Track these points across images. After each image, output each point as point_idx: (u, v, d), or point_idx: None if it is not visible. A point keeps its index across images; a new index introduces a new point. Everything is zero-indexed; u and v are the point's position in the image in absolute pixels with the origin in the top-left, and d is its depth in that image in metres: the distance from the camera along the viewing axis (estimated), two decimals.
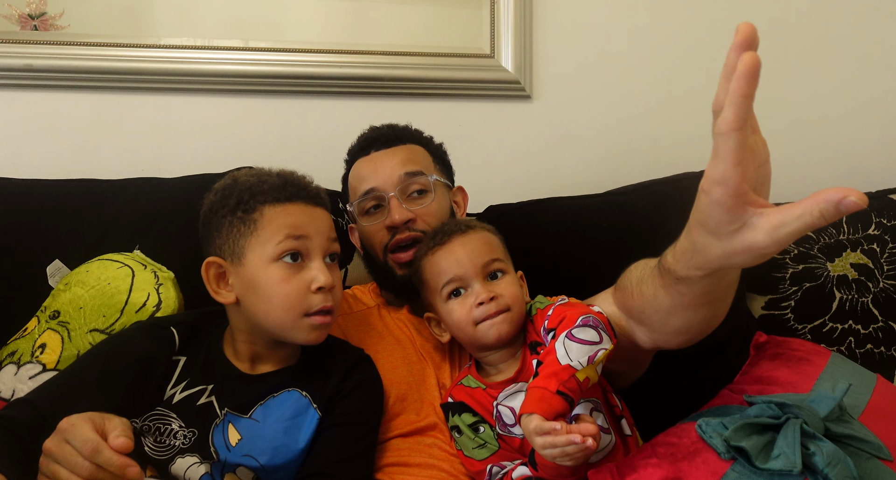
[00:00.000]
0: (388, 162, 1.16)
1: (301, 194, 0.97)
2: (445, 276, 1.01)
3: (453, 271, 1.00)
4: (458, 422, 0.99)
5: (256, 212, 0.95)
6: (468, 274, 1.00)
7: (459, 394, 1.01)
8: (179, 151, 1.52)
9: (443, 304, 1.02)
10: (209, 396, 0.95)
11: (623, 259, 1.33)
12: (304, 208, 0.97)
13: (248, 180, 0.98)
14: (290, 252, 0.93)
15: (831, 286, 1.39)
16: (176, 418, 0.93)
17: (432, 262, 1.03)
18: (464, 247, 1.02)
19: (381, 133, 1.21)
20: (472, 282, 1.00)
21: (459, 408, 1.00)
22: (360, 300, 1.22)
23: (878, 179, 1.61)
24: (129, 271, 1.15)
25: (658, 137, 1.66)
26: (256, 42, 1.54)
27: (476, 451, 0.97)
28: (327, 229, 0.98)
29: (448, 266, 1.01)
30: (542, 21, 1.63)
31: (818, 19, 1.71)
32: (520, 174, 1.58)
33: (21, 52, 1.46)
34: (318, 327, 0.94)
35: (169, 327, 0.98)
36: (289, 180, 0.99)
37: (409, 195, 1.14)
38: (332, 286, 0.94)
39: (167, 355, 0.96)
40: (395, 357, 1.10)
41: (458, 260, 1.00)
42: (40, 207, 1.25)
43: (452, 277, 1.00)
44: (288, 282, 0.92)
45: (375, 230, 1.15)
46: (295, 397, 0.96)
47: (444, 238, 1.03)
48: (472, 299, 0.99)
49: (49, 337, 1.10)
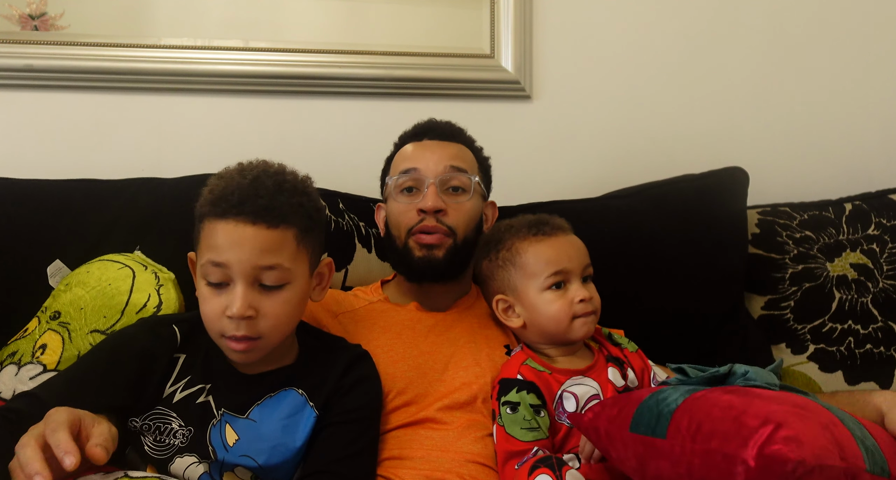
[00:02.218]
0: (438, 151, 1.18)
1: (236, 211, 0.88)
2: (553, 266, 1.05)
3: (563, 263, 1.05)
4: (520, 399, 0.99)
5: (201, 223, 0.91)
6: (573, 271, 1.05)
7: (529, 374, 1.02)
8: (179, 151, 1.52)
9: (538, 292, 1.05)
10: (207, 395, 0.95)
11: (623, 263, 1.34)
12: (234, 227, 0.88)
13: (213, 183, 0.93)
14: (209, 276, 0.90)
15: (831, 286, 1.39)
16: (176, 417, 0.93)
17: (539, 249, 1.06)
18: (572, 245, 1.08)
19: (439, 125, 1.24)
20: (573, 279, 1.05)
21: (529, 387, 1.01)
22: (362, 298, 1.22)
23: (878, 179, 1.61)
24: (129, 272, 1.15)
25: (658, 137, 1.66)
26: (256, 42, 1.54)
27: (523, 431, 0.97)
28: (256, 255, 0.88)
29: (558, 258, 1.05)
30: (542, 21, 1.63)
31: (818, 19, 1.71)
32: (519, 174, 1.58)
33: (21, 52, 1.46)
34: (235, 352, 0.91)
35: (171, 324, 0.98)
36: (232, 191, 0.89)
37: (446, 188, 1.16)
38: (243, 316, 0.88)
39: (168, 352, 0.96)
40: (395, 352, 1.10)
41: (569, 255, 1.06)
42: (40, 207, 1.25)
43: (561, 269, 1.05)
44: (207, 302, 0.91)
45: (405, 210, 1.16)
46: (292, 395, 0.96)
47: (550, 230, 1.08)
48: (572, 295, 1.04)
49: (50, 338, 1.10)
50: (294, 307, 0.93)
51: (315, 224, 0.96)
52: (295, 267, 0.92)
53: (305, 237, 0.93)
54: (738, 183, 1.44)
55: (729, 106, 1.68)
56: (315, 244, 0.96)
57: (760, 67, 1.69)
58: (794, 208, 1.50)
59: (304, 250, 0.93)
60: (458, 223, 1.15)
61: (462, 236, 1.16)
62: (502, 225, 1.13)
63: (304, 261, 0.94)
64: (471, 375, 1.09)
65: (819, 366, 1.35)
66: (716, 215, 1.40)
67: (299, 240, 0.92)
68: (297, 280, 0.92)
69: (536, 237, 1.07)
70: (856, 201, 1.50)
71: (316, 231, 0.97)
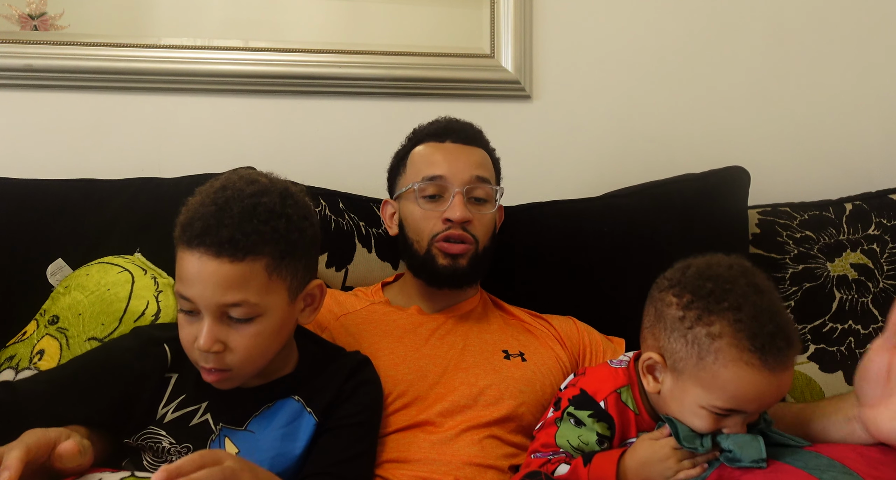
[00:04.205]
0: (464, 158, 1.17)
1: (198, 242, 0.83)
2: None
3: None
4: (588, 422, 0.90)
5: (177, 247, 0.88)
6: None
7: (613, 406, 0.91)
8: (179, 151, 1.51)
9: (698, 360, 0.82)
10: (203, 414, 0.92)
11: (623, 263, 1.33)
12: (198, 260, 0.83)
13: (188, 202, 0.89)
14: (181, 304, 0.86)
15: (831, 287, 1.39)
16: (165, 436, 0.91)
17: (724, 321, 0.81)
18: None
19: (461, 127, 1.22)
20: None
21: (605, 418, 0.91)
22: (363, 298, 1.22)
23: (878, 179, 1.61)
24: (128, 276, 1.14)
25: (658, 137, 1.66)
26: (256, 42, 1.54)
27: (565, 441, 0.91)
28: (219, 292, 0.83)
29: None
30: (542, 21, 1.63)
31: (818, 19, 1.71)
32: (519, 174, 1.57)
33: (21, 52, 1.46)
34: (208, 379, 0.88)
35: (163, 343, 0.95)
36: (199, 217, 0.84)
37: (470, 197, 1.16)
38: (209, 351, 0.84)
39: (159, 371, 0.93)
40: (396, 355, 1.10)
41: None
42: (40, 207, 1.25)
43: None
44: (182, 328, 0.88)
45: (429, 217, 1.15)
46: (289, 403, 0.95)
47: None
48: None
49: (48, 343, 1.10)
50: (267, 338, 0.88)
51: (295, 248, 0.89)
52: (265, 300, 0.86)
53: (281, 265, 0.87)
54: (739, 183, 1.43)
55: (729, 106, 1.68)
56: (296, 269, 0.90)
57: (761, 66, 1.69)
58: (794, 208, 1.50)
59: (279, 279, 0.87)
60: (481, 233, 1.16)
61: (483, 246, 1.16)
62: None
63: (281, 290, 0.88)
64: (470, 378, 1.09)
65: (819, 366, 1.35)
66: (716, 214, 1.39)
67: (272, 269, 0.86)
68: (269, 312, 0.87)
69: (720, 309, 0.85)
70: (856, 201, 1.50)
71: (297, 255, 0.90)
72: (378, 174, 1.28)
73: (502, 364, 1.12)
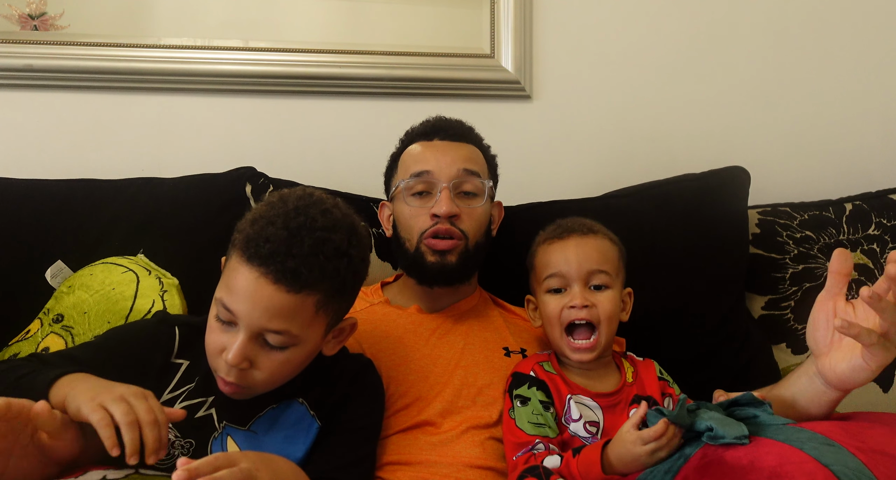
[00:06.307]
0: (450, 153, 1.16)
1: (260, 262, 0.83)
2: (550, 269, 1.04)
3: (559, 267, 1.04)
4: (530, 394, 1.00)
5: (233, 248, 0.88)
6: (571, 275, 1.03)
7: (541, 373, 1.03)
8: (179, 151, 1.52)
9: (541, 294, 1.06)
10: (209, 408, 0.93)
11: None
12: (255, 280, 0.83)
13: (257, 212, 0.89)
14: (219, 313, 0.87)
15: None
16: (172, 428, 0.90)
17: (545, 251, 1.07)
18: (577, 248, 1.05)
19: (450, 125, 1.22)
20: (574, 284, 1.03)
21: (539, 384, 1.01)
22: (363, 298, 1.22)
23: (878, 179, 1.61)
24: (133, 276, 1.15)
25: (658, 137, 1.66)
26: (256, 42, 1.54)
27: (530, 426, 0.97)
28: (266, 317, 0.84)
29: (556, 261, 1.04)
30: (542, 21, 1.63)
31: (818, 20, 1.71)
32: (519, 174, 1.58)
33: (21, 52, 1.46)
34: (223, 389, 0.89)
35: (175, 325, 0.96)
36: (267, 238, 0.84)
37: (458, 192, 1.15)
38: (236, 366, 0.85)
39: (164, 355, 0.94)
40: (397, 356, 1.10)
41: (567, 259, 1.04)
42: (40, 207, 1.25)
43: (556, 272, 1.04)
44: (211, 333, 0.89)
45: (417, 214, 1.14)
46: (294, 406, 0.95)
47: (564, 234, 1.07)
48: (567, 299, 1.02)
49: (53, 341, 1.10)
50: (293, 365, 0.90)
51: (346, 288, 0.90)
52: (305, 333, 0.87)
53: (330, 302, 0.88)
54: (739, 183, 1.43)
55: (729, 106, 1.68)
56: (341, 308, 0.92)
57: (761, 66, 1.69)
58: (794, 208, 1.50)
59: (323, 315, 0.88)
60: (471, 228, 1.14)
61: (474, 241, 1.15)
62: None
63: (321, 325, 0.89)
64: (469, 377, 1.09)
65: None
66: (716, 214, 1.39)
67: (320, 306, 0.87)
68: (304, 343, 0.88)
69: (549, 241, 1.08)
70: (856, 201, 1.50)
71: (347, 295, 0.92)
72: (378, 174, 1.28)
73: (503, 362, 1.11)
